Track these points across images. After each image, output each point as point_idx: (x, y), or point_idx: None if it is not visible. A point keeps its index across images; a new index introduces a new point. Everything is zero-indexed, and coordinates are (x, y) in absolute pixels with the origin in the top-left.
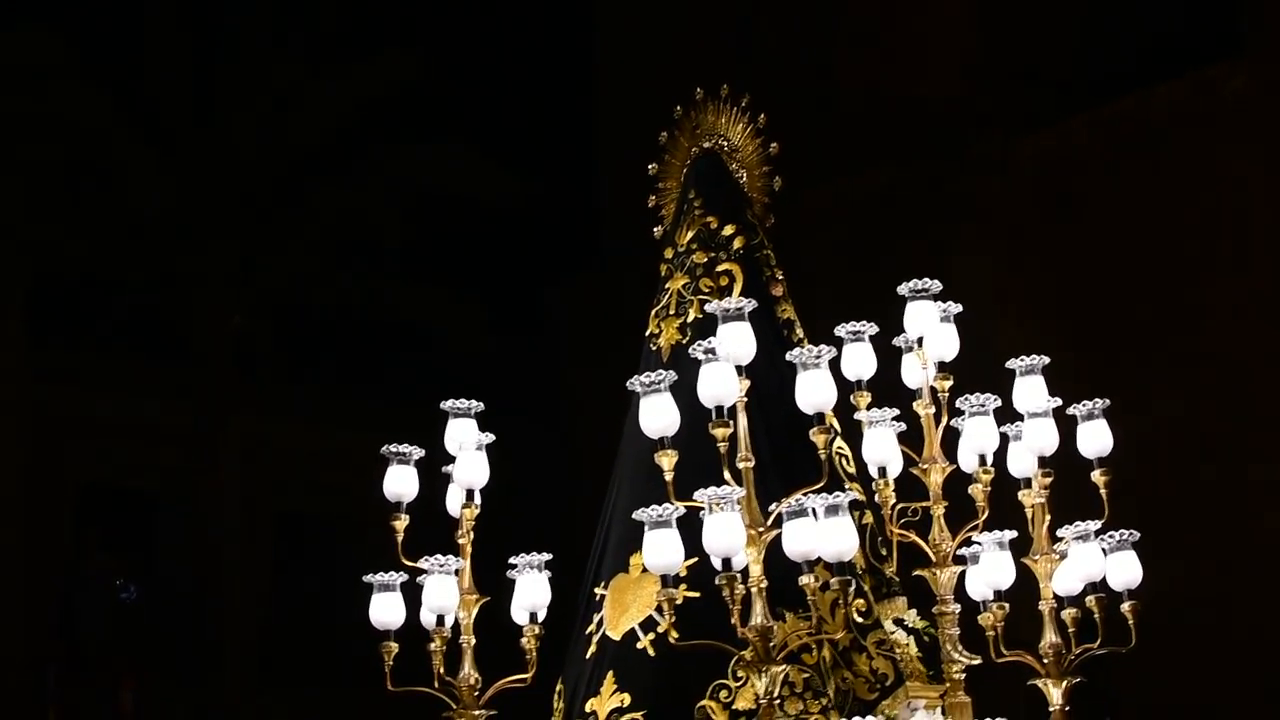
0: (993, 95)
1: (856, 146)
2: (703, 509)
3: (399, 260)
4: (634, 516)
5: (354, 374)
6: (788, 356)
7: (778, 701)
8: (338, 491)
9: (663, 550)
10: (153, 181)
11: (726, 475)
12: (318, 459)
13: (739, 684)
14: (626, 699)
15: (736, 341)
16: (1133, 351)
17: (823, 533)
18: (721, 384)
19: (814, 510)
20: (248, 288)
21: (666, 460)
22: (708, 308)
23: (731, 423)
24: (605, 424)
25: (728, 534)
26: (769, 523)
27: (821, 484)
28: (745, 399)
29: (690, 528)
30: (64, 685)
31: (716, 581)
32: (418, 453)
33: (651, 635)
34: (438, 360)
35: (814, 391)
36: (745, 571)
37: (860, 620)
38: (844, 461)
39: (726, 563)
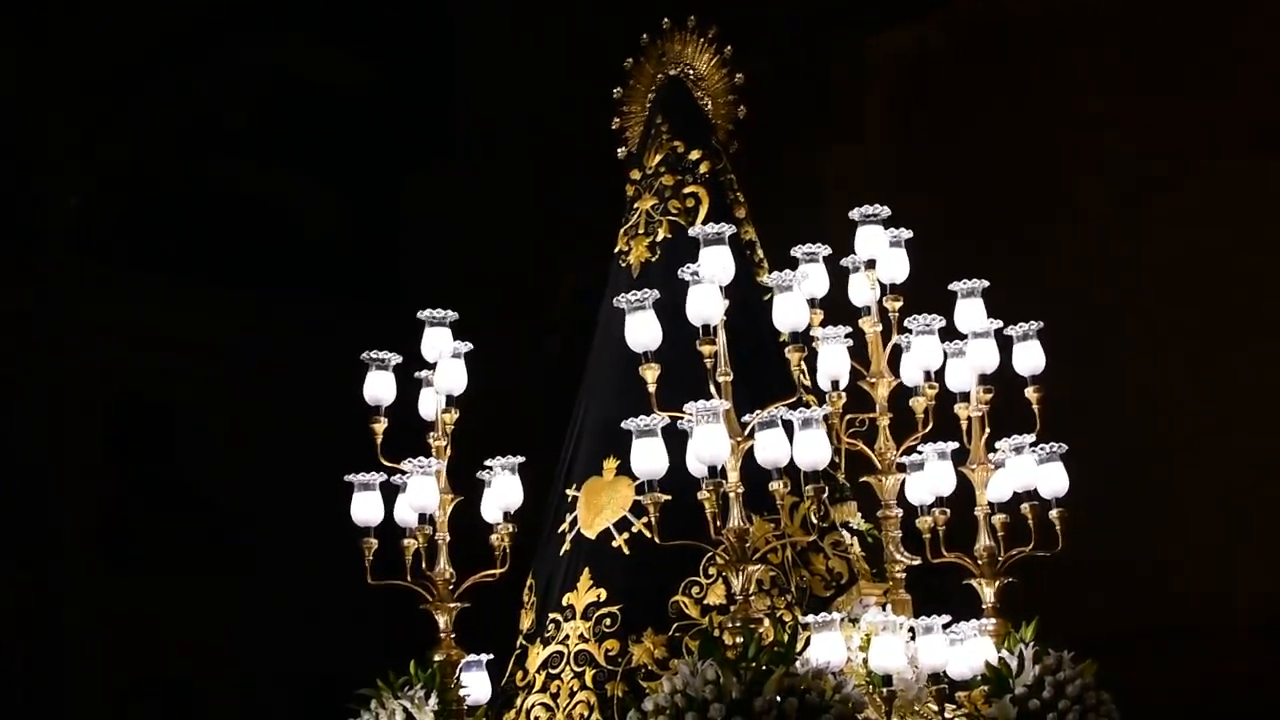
0: None
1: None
2: (678, 419)
3: (248, 145)
4: (622, 426)
5: (198, 257)
6: (765, 280)
7: (751, 598)
8: (179, 376)
9: (649, 457)
10: None
11: (711, 389)
12: (158, 342)
13: (710, 581)
14: (603, 594)
15: (718, 263)
16: (990, 241)
17: (799, 443)
18: (708, 304)
19: (788, 422)
20: (89, 170)
21: (650, 373)
22: (691, 233)
23: (715, 340)
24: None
25: (713, 443)
26: (745, 433)
27: (795, 398)
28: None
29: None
30: None
31: (704, 488)
32: (396, 359)
33: (625, 535)
34: (282, 245)
35: (790, 312)
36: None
37: (817, 523)
38: (801, 375)
39: (712, 470)
